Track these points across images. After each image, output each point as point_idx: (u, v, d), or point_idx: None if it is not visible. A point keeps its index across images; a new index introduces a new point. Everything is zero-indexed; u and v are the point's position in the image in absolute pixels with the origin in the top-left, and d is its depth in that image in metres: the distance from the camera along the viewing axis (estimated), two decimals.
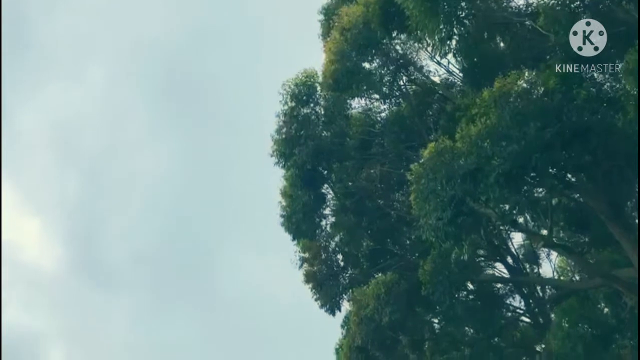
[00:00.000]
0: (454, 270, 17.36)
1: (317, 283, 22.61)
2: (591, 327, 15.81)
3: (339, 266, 23.53)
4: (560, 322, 16.07)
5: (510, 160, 12.55)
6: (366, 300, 19.12)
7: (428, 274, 17.64)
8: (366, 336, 19.99)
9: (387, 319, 18.46)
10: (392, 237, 23.61)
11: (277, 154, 21.07)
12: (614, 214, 15.92)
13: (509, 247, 23.89)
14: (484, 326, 22.14)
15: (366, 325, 19.46)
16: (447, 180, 13.29)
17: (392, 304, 18.42)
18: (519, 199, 14.27)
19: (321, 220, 23.08)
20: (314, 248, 23.12)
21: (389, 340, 20.35)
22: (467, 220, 13.74)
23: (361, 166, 22.02)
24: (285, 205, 22.18)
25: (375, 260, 22.85)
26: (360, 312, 19.39)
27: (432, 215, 13.52)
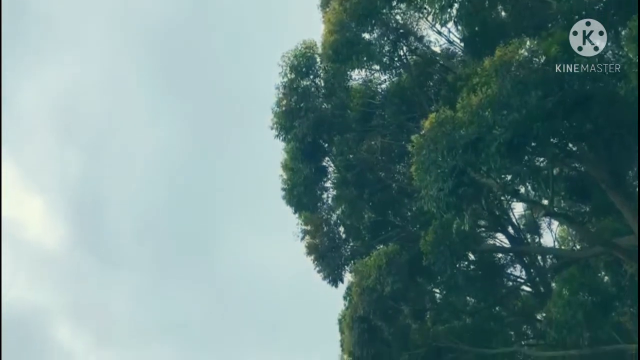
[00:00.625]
0: (455, 241, 17.42)
1: (319, 255, 22.75)
2: (591, 295, 15.90)
3: (341, 238, 23.64)
4: (561, 290, 16.17)
5: (511, 129, 12.50)
6: (368, 271, 19.20)
7: (429, 244, 17.71)
8: (368, 306, 20.16)
9: (388, 289, 18.54)
10: (393, 209, 23.69)
11: (277, 127, 20.98)
12: (615, 183, 15.94)
13: (510, 217, 24.02)
14: (485, 295, 22.36)
15: (368, 296, 19.59)
16: (448, 150, 13.25)
17: (394, 274, 18.48)
18: (520, 169, 14.25)
19: (322, 193, 23.12)
20: (315, 221, 23.20)
21: (391, 310, 20.54)
22: (468, 191, 13.74)
23: (362, 138, 21.98)
24: (286, 179, 22.20)
25: (376, 232, 22.97)
26: (362, 283, 19.50)
27: (433, 186, 13.52)
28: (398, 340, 21.27)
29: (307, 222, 23.19)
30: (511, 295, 23.54)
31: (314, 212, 22.95)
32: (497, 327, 22.89)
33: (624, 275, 18.21)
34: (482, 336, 21.82)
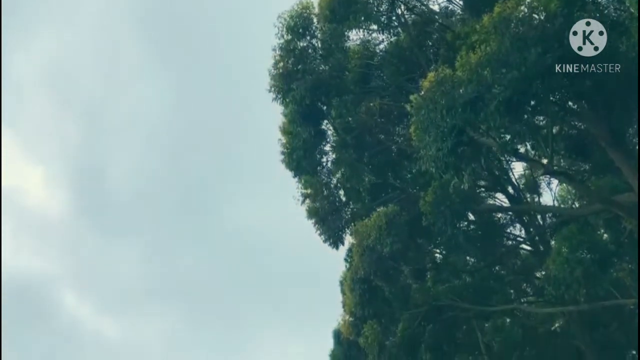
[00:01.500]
0: (454, 201, 17.49)
1: (319, 218, 22.88)
2: (590, 252, 15.95)
3: (341, 201, 23.74)
4: (560, 248, 16.23)
5: (510, 87, 12.36)
6: (368, 232, 19.31)
7: (429, 204, 17.78)
8: (368, 267, 20.34)
9: (388, 249, 18.67)
10: (393, 171, 23.70)
11: (275, 90, 20.83)
12: (615, 140, 15.86)
13: (510, 177, 24.01)
14: (484, 255, 22.56)
15: (368, 256, 19.75)
16: (447, 110, 13.15)
17: (394, 235, 18.60)
18: (519, 127, 14.14)
19: (322, 156, 23.10)
20: (315, 184, 23.25)
21: (391, 270, 20.74)
22: (467, 150, 13.70)
23: (360, 100, 21.78)
24: (285, 143, 22.14)
25: (376, 195, 23.02)
26: (362, 244, 19.64)
27: (432, 146, 13.47)
28: (399, 300, 21.57)
29: (307, 186, 23.25)
30: (511, 254, 23.76)
31: (314, 176, 22.98)
32: (496, 286, 23.18)
33: (623, 232, 18.36)
34: (481, 294, 22.11)
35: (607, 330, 23.35)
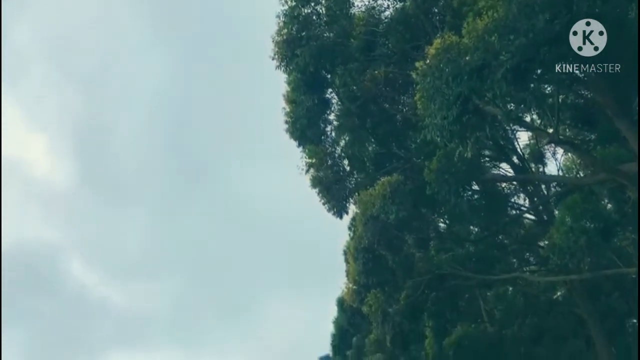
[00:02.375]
0: (459, 170, 17.41)
1: (323, 187, 22.84)
2: (594, 221, 15.96)
3: (345, 171, 23.69)
4: (564, 217, 16.24)
5: (518, 54, 12.19)
6: (372, 201, 19.31)
7: (433, 173, 17.71)
8: (372, 236, 20.41)
9: (392, 218, 18.69)
10: (397, 141, 23.58)
11: (279, 57, 20.60)
12: (621, 109, 15.70)
13: (515, 146, 23.93)
14: (488, 224, 22.60)
15: (372, 225, 19.79)
16: (453, 77, 13.01)
17: (398, 204, 18.59)
18: (525, 96, 14.03)
19: (326, 125, 22.98)
20: (319, 154, 23.17)
21: (395, 239, 20.82)
22: (473, 119, 13.59)
23: (365, 68, 21.53)
24: (289, 111, 22.02)
25: (380, 164, 22.96)
26: (366, 213, 19.66)
27: (437, 114, 13.37)
28: (402, 269, 21.69)
29: (311, 155, 23.16)
30: (514, 224, 23.82)
31: (318, 145, 22.88)
32: (499, 255, 23.33)
33: (627, 201, 18.28)
34: (484, 263, 22.27)
35: (608, 299, 23.58)
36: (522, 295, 24.91)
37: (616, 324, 23.42)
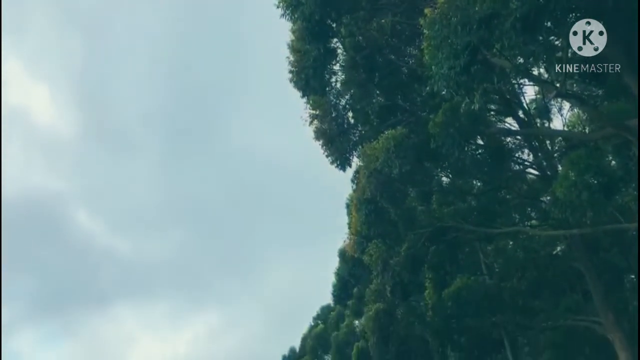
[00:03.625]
0: (464, 123, 17.32)
1: (327, 140, 22.82)
2: (597, 177, 15.95)
3: (349, 123, 23.60)
4: (567, 171, 16.18)
5: (527, 3, 11.91)
6: (376, 154, 19.31)
7: (438, 126, 17.63)
8: (375, 189, 20.50)
9: (396, 171, 18.73)
10: (402, 94, 23.38)
11: (283, 5, 20.17)
12: (631, 64, 15.44)
13: (521, 101, 23.67)
14: (491, 179, 22.61)
15: (375, 178, 19.86)
16: (462, 26, 12.72)
17: (401, 157, 18.59)
18: (534, 48, 13.81)
19: (331, 76, 22.77)
20: (324, 105, 23.03)
21: (398, 192, 20.94)
22: (481, 70, 13.41)
23: (372, 17, 21.14)
24: (293, 61, 21.74)
25: (385, 117, 22.82)
26: (369, 166, 19.69)
27: (445, 64, 13.15)
28: (404, 221, 21.88)
29: (315, 107, 23.03)
30: (517, 179, 23.78)
31: (322, 97, 22.71)
32: (501, 209, 23.40)
33: (632, 158, 18.23)
34: (486, 217, 22.38)
35: (608, 254, 23.79)
36: (522, 249, 25.11)
37: (614, 279, 23.69)
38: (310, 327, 63.37)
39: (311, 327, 63.19)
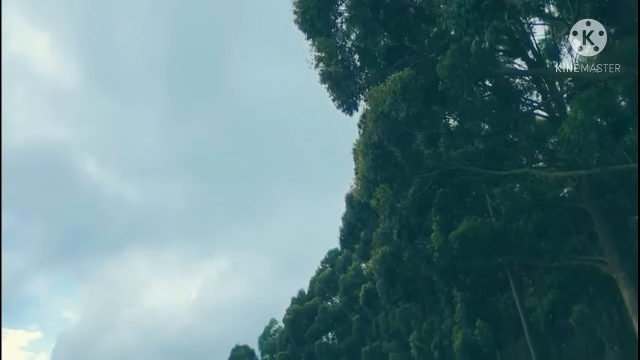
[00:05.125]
0: (472, 63, 17.03)
1: (333, 83, 22.48)
2: (606, 117, 15.82)
3: (355, 66, 23.17)
4: (576, 111, 16.04)
5: None
6: (382, 97, 19.10)
7: (446, 67, 17.34)
8: (382, 132, 20.39)
9: (403, 114, 18.57)
10: (410, 34, 22.88)
11: None
12: None
13: (530, 41, 23.17)
14: (499, 121, 22.49)
15: (382, 122, 19.72)
16: None
17: (409, 100, 18.39)
18: None
19: (337, 17, 22.22)
20: (329, 47, 22.55)
21: (405, 135, 20.83)
22: (491, 6, 13.11)
23: None
24: (298, 1, 21.23)
25: (392, 59, 22.39)
26: (376, 109, 19.52)
27: (454, 1, 12.85)
28: (411, 165, 21.85)
29: (320, 49, 22.55)
30: (525, 121, 23.60)
31: (328, 38, 22.24)
32: (509, 152, 23.33)
33: None
34: (493, 160, 22.34)
35: (614, 196, 23.85)
36: (529, 191, 25.19)
37: (620, 220, 23.86)
38: (319, 270, 64.71)
39: (319, 270, 64.52)
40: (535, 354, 26.39)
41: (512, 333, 28.45)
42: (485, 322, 27.02)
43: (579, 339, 33.27)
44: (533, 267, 25.89)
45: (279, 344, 68.27)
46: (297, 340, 61.50)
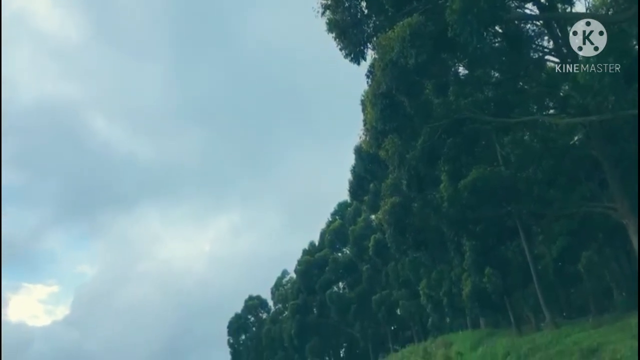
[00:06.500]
0: (482, 9, 16.59)
1: (340, 31, 22.03)
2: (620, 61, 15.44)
3: (363, 13, 22.64)
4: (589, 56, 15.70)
5: None
6: (391, 44, 18.75)
7: (456, 13, 16.88)
8: (391, 82, 20.11)
9: (412, 61, 18.23)
10: None
11: None
12: None
13: None
14: (509, 68, 22.09)
15: (391, 70, 19.42)
16: None
17: (418, 47, 18.01)
18: None
19: None
20: None
21: (414, 84, 20.56)
22: None
23: None
24: None
25: (400, 6, 21.78)
26: (385, 57, 19.20)
27: None
28: (420, 114, 21.68)
29: None
30: (536, 67, 23.17)
31: None
32: (519, 99, 23.06)
33: None
34: (503, 107, 22.13)
35: (625, 142, 23.59)
36: (539, 139, 25.00)
37: (631, 167, 23.64)
38: (329, 222, 65.22)
39: (329, 222, 65.03)
40: (544, 300, 26.74)
41: (520, 280, 28.71)
42: (494, 270, 27.23)
43: (587, 285, 33.59)
44: (542, 215, 25.95)
45: (290, 294, 69.58)
46: (308, 290, 62.62)
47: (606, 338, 18.71)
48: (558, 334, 22.58)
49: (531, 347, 22.39)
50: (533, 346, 22.37)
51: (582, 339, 20.06)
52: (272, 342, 74.41)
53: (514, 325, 30.07)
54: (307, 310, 63.50)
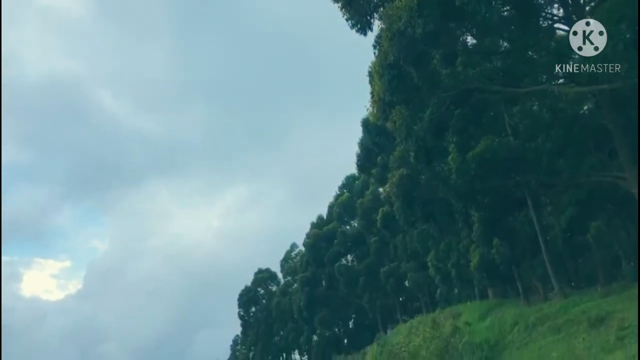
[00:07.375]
0: None
1: (346, 1, 21.75)
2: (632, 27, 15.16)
3: None
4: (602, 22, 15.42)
5: None
6: (398, 14, 18.53)
7: None
8: (398, 52, 19.93)
9: (419, 31, 18.03)
10: None
11: None
12: None
13: None
14: (518, 37, 21.73)
15: (398, 40, 19.24)
16: None
17: (425, 15, 17.79)
18: None
19: None
20: None
21: (422, 54, 20.36)
22: None
23: None
24: None
25: None
26: (392, 27, 18.99)
27: None
28: (428, 85, 21.50)
29: None
30: (545, 36, 22.78)
31: None
32: (528, 69, 22.71)
33: None
34: (512, 77, 21.82)
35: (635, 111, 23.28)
36: (547, 109, 24.74)
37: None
38: (337, 195, 65.38)
39: (337, 195, 65.18)
40: (552, 270, 26.81)
41: (529, 251, 28.76)
42: (503, 241, 27.27)
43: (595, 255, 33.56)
44: (551, 186, 25.80)
45: (299, 266, 70.13)
46: (317, 263, 63.07)
47: (614, 307, 18.79)
48: (566, 303, 22.69)
49: (539, 316, 22.53)
50: (541, 316, 22.52)
51: (590, 308, 20.16)
52: (281, 314, 75.37)
53: (522, 295, 30.22)
54: (316, 282, 64.06)
